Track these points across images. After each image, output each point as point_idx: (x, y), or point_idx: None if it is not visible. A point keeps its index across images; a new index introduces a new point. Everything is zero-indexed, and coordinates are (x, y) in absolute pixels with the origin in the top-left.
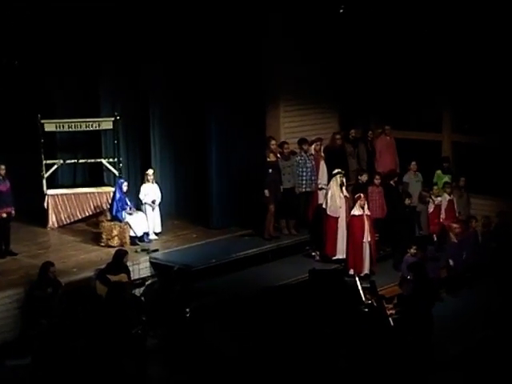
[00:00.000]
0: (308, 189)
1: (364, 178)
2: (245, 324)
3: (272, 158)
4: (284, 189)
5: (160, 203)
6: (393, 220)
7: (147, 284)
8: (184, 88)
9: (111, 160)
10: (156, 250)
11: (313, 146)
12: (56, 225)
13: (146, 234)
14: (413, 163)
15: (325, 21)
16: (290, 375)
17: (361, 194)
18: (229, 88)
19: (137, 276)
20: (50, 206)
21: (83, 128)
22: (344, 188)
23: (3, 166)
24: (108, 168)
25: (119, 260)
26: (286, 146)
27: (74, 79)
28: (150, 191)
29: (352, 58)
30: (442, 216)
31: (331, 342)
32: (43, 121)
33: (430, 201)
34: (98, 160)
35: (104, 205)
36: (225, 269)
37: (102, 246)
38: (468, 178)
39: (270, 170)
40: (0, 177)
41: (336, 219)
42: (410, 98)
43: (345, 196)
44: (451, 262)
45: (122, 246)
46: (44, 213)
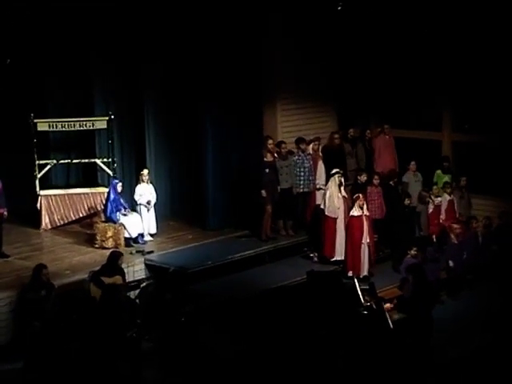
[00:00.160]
0: (306, 189)
1: (363, 178)
2: (241, 326)
3: (269, 158)
4: (281, 189)
5: (155, 204)
6: (392, 221)
7: (142, 286)
8: (179, 87)
9: (105, 160)
10: (151, 252)
11: (311, 146)
12: (49, 226)
13: (141, 236)
14: (412, 163)
15: (324, 19)
16: (286, 377)
17: (359, 195)
18: (225, 87)
19: (132, 278)
20: (43, 207)
21: (77, 127)
22: (342, 188)
23: None
24: (102, 168)
25: (114, 262)
26: (284, 146)
27: (68, 78)
28: (145, 192)
29: (351, 57)
30: (442, 216)
31: (327, 344)
32: (36, 120)
33: (430, 201)
34: (92, 160)
35: (98, 206)
36: (221, 271)
37: (96, 248)
38: (468, 178)
39: (267, 170)
40: None
41: (334, 220)
42: (410, 97)
43: (343, 196)
44: (451, 263)
45: (117, 248)
46: (37, 214)
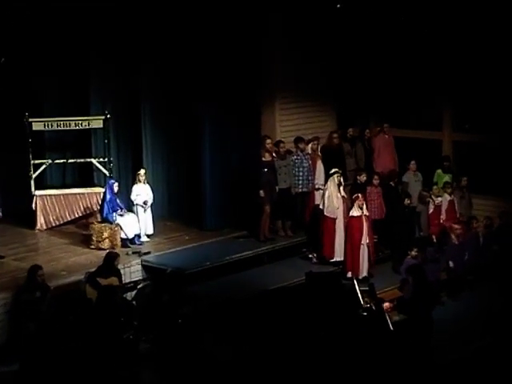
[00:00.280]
0: (304, 189)
1: (363, 178)
2: (239, 328)
3: (267, 158)
4: (280, 189)
5: (152, 204)
6: (392, 221)
7: (139, 288)
8: (177, 86)
9: (101, 160)
10: (148, 253)
11: (309, 145)
12: (44, 226)
13: (138, 236)
14: (412, 162)
15: (323, 18)
16: (285, 379)
17: (359, 195)
18: (222, 86)
19: (128, 279)
20: (39, 208)
21: (72, 127)
22: (342, 188)
23: None
24: (98, 168)
25: (110, 263)
26: (282, 145)
27: (63, 76)
28: (142, 192)
29: (350, 56)
30: (443, 217)
31: (326, 345)
32: (31, 119)
33: (430, 201)
34: (88, 160)
35: (94, 206)
36: (219, 272)
37: (92, 249)
38: (469, 178)
39: (266, 170)
40: None
41: (333, 220)
42: (410, 96)
43: (342, 196)
44: (451, 264)
45: (113, 249)
46: (32, 214)
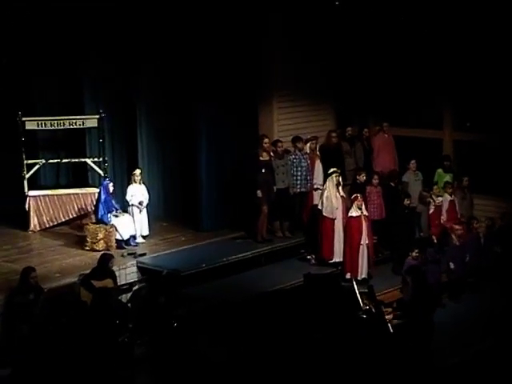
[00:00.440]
0: (303, 189)
1: (362, 178)
2: (235, 331)
3: (265, 157)
4: (278, 189)
5: (147, 205)
6: (391, 221)
7: (134, 290)
8: (173, 85)
9: (96, 159)
10: (143, 254)
11: (308, 145)
12: (38, 228)
13: (133, 238)
14: (412, 162)
15: (322, 17)
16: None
17: (358, 195)
18: (219, 84)
19: (123, 281)
20: (32, 208)
21: (66, 126)
22: (340, 188)
23: None
24: (93, 168)
25: (104, 265)
26: (280, 145)
27: (57, 74)
28: (137, 192)
29: (349, 54)
30: (443, 217)
31: (325, 348)
32: (24, 118)
33: (431, 201)
34: (82, 160)
35: (89, 207)
36: (215, 273)
37: (87, 250)
38: (470, 178)
39: (263, 170)
40: None
41: (332, 221)
42: (410, 95)
43: (341, 196)
44: (452, 266)
45: (108, 250)
46: (25, 215)
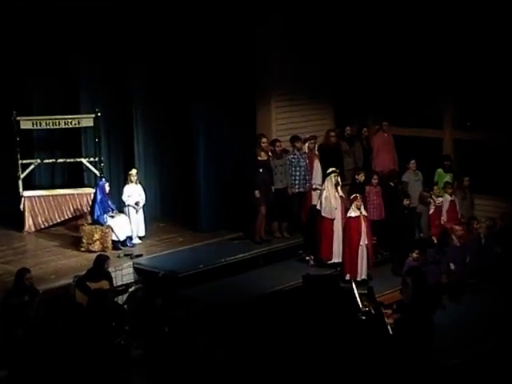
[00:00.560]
0: (301, 189)
1: (361, 178)
2: (233, 333)
3: (263, 157)
4: (276, 189)
5: (144, 205)
6: (391, 222)
7: (130, 291)
8: (169, 83)
9: (92, 159)
10: (140, 255)
11: (306, 144)
12: (33, 228)
13: (130, 238)
14: (412, 162)
15: (321, 14)
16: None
17: (357, 195)
18: (216, 83)
19: (120, 283)
20: (27, 209)
21: (62, 125)
22: (339, 188)
23: None
24: (88, 168)
25: (100, 266)
26: (278, 144)
27: (52, 73)
28: (134, 192)
29: (348, 52)
30: (443, 218)
31: (323, 350)
32: (19, 118)
33: (431, 201)
34: (78, 159)
35: (84, 207)
36: (213, 275)
37: (83, 251)
38: (470, 178)
39: (261, 170)
40: None
41: (331, 221)
42: (410, 93)
43: (340, 196)
44: (452, 266)
45: (104, 251)
46: (20, 216)
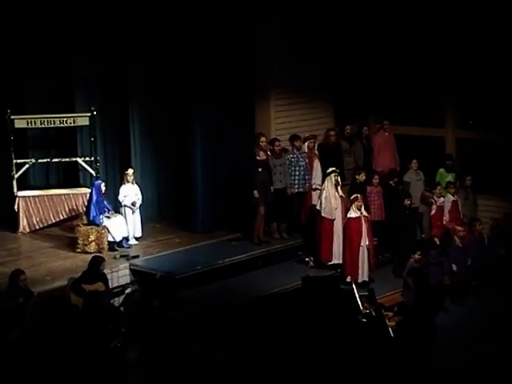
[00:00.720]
0: (301, 189)
1: (362, 178)
2: (232, 336)
3: (262, 156)
4: (275, 189)
5: (140, 205)
6: (392, 222)
7: (127, 293)
8: (167, 82)
9: (87, 159)
10: (136, 257)
11: (306, 144)
12: (27, 229)
13: (126, 239)
14: (414, 161)
15: (321, 14)
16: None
17: (358, 195)
18: (214, 81)
19: (116, 284)
20: (21, 209)
21: (57, 124)
22: (339, 188)
23: None
24: (84, 167)
25: (95, 268)
26: (277, 143)
27: (47, 71)
28: (130, 192)
29: (348, 50)
30: (446, 218)
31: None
32: (13, 116)
33: (433, 202)
34: (74, 159)
35: (80, 207)
36: (210, 276)
37: (78, 253)
38: (473, 177)
39: (260, 169)
40: None
41: (331, 221)
42: (411, 92)
43: (340, 196)
44: (454, 268)
45: (100, 252)
46: (14, 216)
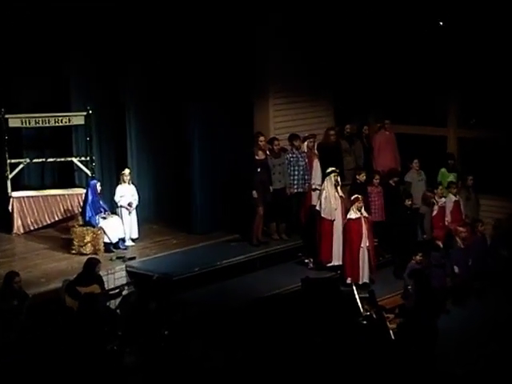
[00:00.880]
0: (300, 189)
1: (362, 178)
2: (230, 338)
3: (260, 156)
4: (274, 189)
5: (137, 206)
6: (392, 223)
7: (123, 295)
8: (164, 82)
9: (83, 159)
10: (133, 258)
11: (305, 143)
12: (22, 230)
13: (122, 241)
14: (415, 161)
15: (320, 12)
16: None
17: (358, 196)
18: (212, 79)
19: (112, 286)
20: (16, 210)
21: (52, 123)
22: (339, 188)
23: None
24: (80, 167)
25: (90, 270)
26: (276, 143)
27: (42, 69)
28: (127, 193)
29: (349, 48)
30: (448, 219)
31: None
32: (7, 115)
33: (435, 202)
34: (69, 159)
35: (75, 208)
36: (208, 278)
37: (74, 254)
38: (475, 177)
39: (259, 169)
40: None
41: (331, 222)
42: (413, 90)
43: (340, 196)
44: (456, 269)
45: (96, 254)
46: (9, 217)
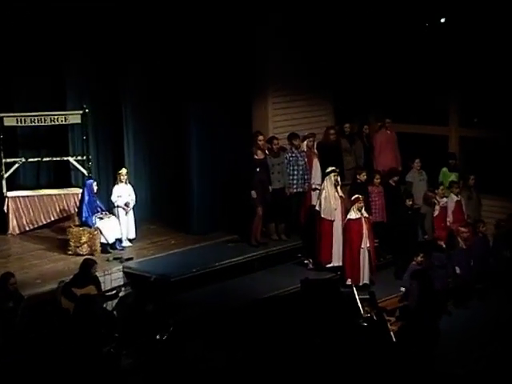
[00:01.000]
0: (300, 189)
1: (363, 177)
2: (228, 340)
3: (259, 156)
4: (273, 189)
5: (134, 206)
6: (393, 223)
7: (120, 297)
8: (162, 80)
9: (79, 158)
10: (130, 259)
11: (305, 142)
12: (17, 231)
13: (119, 241)
14: (416, 161)
15: (320, 11)
16: None
17: (359, 196)
18: (210, 78)
19: (109, 288)
20: (11, 210)
21: (48, 122)
22: (339, 188)
23: None
24: (76, 167)
25: (86, 271)
26: (276, 142)
27: (38, 68)
28: (123, 193)
29: (349, 46)
30: (449, 219)
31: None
32: (2, 114)
33: (436, 202)
34: (65, 158)
35: (72, 208)
36: (207, 279)
37: (70, 255)
38: (477, 177)
39: (258, 169)
40: None
41: (331, 222)
42: (414, 89)
43: (340, 196)
44: (458, 270)
45: (92, 255)
46: (4, 217)
